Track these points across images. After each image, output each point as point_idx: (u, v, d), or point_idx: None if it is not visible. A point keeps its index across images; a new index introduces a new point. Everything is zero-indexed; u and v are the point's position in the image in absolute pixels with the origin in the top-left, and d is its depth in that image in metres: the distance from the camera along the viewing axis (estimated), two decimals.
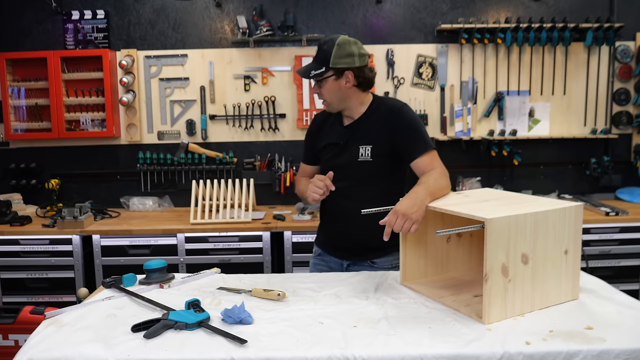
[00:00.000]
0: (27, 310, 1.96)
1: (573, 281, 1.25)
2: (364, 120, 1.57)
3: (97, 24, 2.93)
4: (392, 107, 1.56)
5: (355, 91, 1.54)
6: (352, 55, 1.50)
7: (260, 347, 1.02)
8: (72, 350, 1.02)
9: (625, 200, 2.90)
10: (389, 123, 1.52)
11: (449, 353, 0.99)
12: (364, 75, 1.53)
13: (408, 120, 1.53)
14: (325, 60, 1.49)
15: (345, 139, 1.57)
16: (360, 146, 1.53)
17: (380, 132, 1.52)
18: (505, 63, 2.95)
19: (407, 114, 1.54)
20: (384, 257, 1.59)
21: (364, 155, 1.53)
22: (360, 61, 1.52)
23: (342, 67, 1.49)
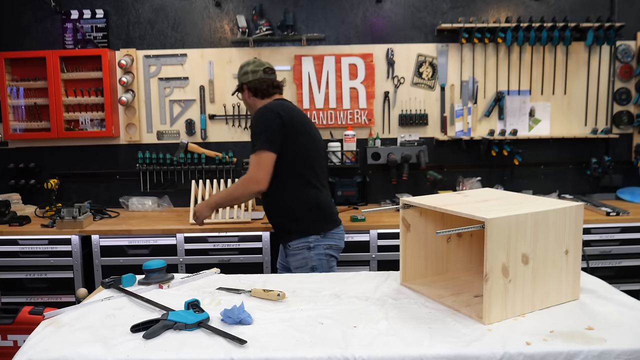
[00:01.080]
0: (26, 311, 1.96)
1: (574, 281, 1.24)
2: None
3: (96, 23, 2.93)
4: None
5: (255, 100, 1.96)
6: (246, 73, 1.96)
7: (260, 348, 1.02)
8: (71, 351, 1.02)
9: (626, 200, 2.89)
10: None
11: (449, 353, 0.99)
12: (256, 87, 1.94)
13: (252, 123, 1.86)
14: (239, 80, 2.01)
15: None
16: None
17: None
18: (505, 63, 2.95)
19: (254, 117, 1.86)
20: (293, 241, 1.86)
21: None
22: (253, 76, 1.95)
23: (242, 82, 1.98)
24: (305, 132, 1.86)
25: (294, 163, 1.82)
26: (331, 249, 1.89)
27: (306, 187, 1.85)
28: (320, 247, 1.85)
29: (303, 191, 1.85)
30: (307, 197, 1.85)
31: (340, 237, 1.93)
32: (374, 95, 2.95)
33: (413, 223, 1.38)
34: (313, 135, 1.92)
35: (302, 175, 1.83)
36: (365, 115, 2.95)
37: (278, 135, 1.77)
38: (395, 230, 2.40)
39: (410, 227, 1.38)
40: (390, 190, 2.96)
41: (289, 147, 1.80)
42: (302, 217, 1.85)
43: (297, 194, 1.85)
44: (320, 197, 1.89)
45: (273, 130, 1.77)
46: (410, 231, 1.38)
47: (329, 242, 1.87)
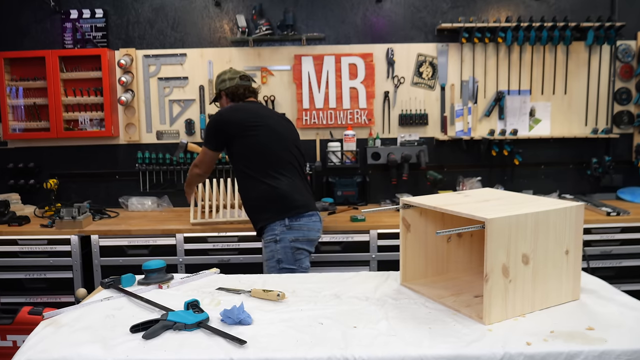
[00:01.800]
0: (26, 311, 1.95)
1: (574, 281, 1.24)
2: None
3: (96, 23, 2.92)
4: None
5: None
6: (224, 81, 2.13)
7: (259, 348, 1.02)
8: (71, 351, 1.02)
9: (626, 200, 2.89)
10: None
11: (449, 354, 0.99)
12: (232, 92, 2.10)
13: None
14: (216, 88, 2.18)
15: None
16: None
17: None
18: (505, 62, 2.94)
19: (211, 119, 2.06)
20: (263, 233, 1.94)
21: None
22: (230, 82, 2.11)
23: (219, 89, 2.14)
24: (258, 128, 1.96)
25: (246, 158, 1.96)
26: (298, 241, 1.89)
27: (263, 179, 1.93)
28: (285, 239, 1.88)
29: (264, 182, 1.93)
30: (263, 188, 1.93)
31: (309, 227, 1.92)
32: (374, 95, 2.94)
33: (413, 223, 1.38)
34: (272, 129, 1.99)
35: (256, 168, 1.94)
36: (365, 115, 2.95)
37: (218, 135, 1.99)
38: (395, 230, 2.40)
39: (410, 227, 1.37)
40: (390, 190, 2.96)
41: (237, 144, 1.96)
42: (262, 208, 1.93)
43: (254, 186, 1.95)
44: (279, 187, 1.92)
45: (213, 131, 2.00)
46: (411, 231, 1.38)
47: (295, 235, 1.89)
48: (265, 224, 1.92)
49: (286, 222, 1.88)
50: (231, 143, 1.97)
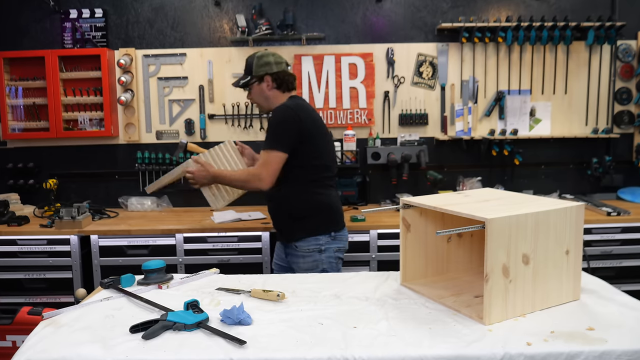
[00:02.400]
0: (25, 311, 1.95)
1: (574, 281, 1.24)
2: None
3: (95, 22, 2.92)
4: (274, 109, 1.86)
5: (276, 93, 1.89)
6: (269, 63, 1.87)
7: (259, 348, 1.02)
8: (70, 351, 1.02)
9: (627, 200, 2.89)
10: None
11: (449, 354, 0.99)
12: (279, 77, 1.87)
13: (269, 121, 1.83)
14: (249, 70, 1.89)
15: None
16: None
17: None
18: (506, 62, 2.94)
19: (273, 115, 1.83)
20: (302, 241, 1.83)
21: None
22: (277, 67, 1.87)
23: (261, 73, 1.86)
24: (319, 133, 1.84)
25: (308, 164, 1.81)
26: (340, 251, 1.87)
27: (319, 188, 1.84)
28: (331, 249, 1.83)
29: (316, 192, 1.84)
30: (320, 198, 1.84)
31: (346, 238, 1.92)
32: (374, 95, 2.94)
33: (413, 223, 1.37)
34: (324, 134, 1.89)
35: (315, 176, 1.83)
36: (365, 115, 2.94)
37: (293, 137, 1.76)
38: (395, 230, 2.40)
39: (410, 227, 1.37)
40: (390, 190, 2.95)
41: (304, 149, 1.78)
42: (314, 217, 1.83)
43: (312, 194, 1.83)
44: (332, 198, 1.88)
45: (289, 132, 1.75)
46: (411, 231, 1.37)
47: (338, 245, 1.86)
48: (310, 233, 1.82)
49: (332, 233, 1.84)
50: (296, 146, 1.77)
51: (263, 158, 1.79)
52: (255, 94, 1.90)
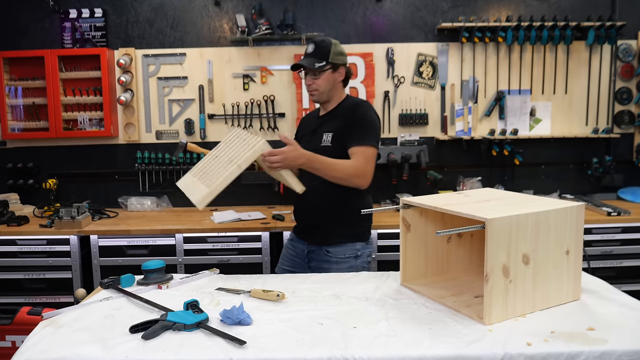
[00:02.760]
0: (25, 311, 1.95)
1: (574, 282, 1.24)
2: (335, 112, 1.79)
3: (95, 22, 2.92)
4: (355, 102, 1.80)
5: (339, 85, 1.81)
6: (343, 54, 1.79)
7: (259, 348, 1.02)
8: (70, 352, 1.02)
9: (627, 200, 2.88)
10: (348, 116, 1.74)
11: (449, 354, 0.99)
12: (348, 72, 1.81)
13: (361, 115, 1.73)
14: (325, 55, 1.74)
15: (317, 126, 1.80)
16: (324, 133, 1.75)
17: (341, 122, 1.73)
18: (506, 62, 2.94)
19: (362, 109, 1.75)
20: (338, 247, 1.73)
21: (325, 141, 1.74)
22: (347, 60, 1.81)
23: (338, 62, 1.76)
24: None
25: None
26: (370, 255, 1.82)
27: (366, 193, 1.76)
28: (364, 255, 1.77)
29: (364, 196, 1.76)
30: (365, 202, 1.76)
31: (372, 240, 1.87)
32: (374, 95, 2.94)
33: (413, 223, 1.37)
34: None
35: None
36: None
37: (378, 131, 1.74)
38: (395, 230, 2.39)
39: (410, 227, 1.37)
40: (390, 190, 2.95)
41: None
42: (360, 223, 1.75)
43: (362, 198, 1.75)
44: (371, 203, 1.81)
45: (378, 130, 1.74)
46: (411, 231, 1.37)
47: (370, 249, 1.80)
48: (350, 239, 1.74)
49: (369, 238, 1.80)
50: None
51: (365, 154, 1.65)
52: (325, 80, 1.73)
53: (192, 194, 1.57)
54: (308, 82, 1.76)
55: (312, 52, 1.73)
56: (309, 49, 1.74)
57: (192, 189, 1.59)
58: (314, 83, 1.75)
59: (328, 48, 1.73)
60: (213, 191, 1.49)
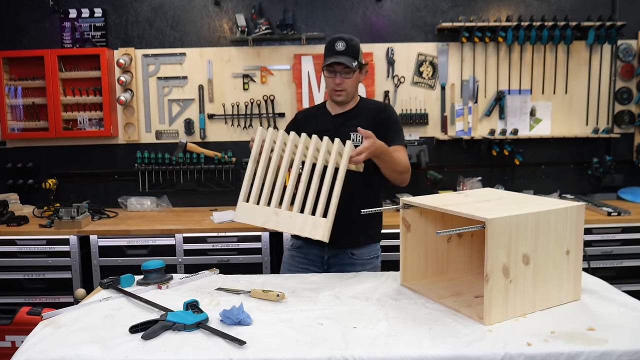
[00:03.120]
0: (24, 311, 1.95)
1: (575, 282, 1.24)
2: (354, 112, 1.73)
3: (95, 22, 2.91)
4: (379, 105, 1.81)
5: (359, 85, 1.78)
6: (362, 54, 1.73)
7: (259, 348, 1.02)
8: (70, 352, 1.02)
9: (627, 200, 2.88)
10: (378, 117, 1.70)
11: (449, 354, 0.99)
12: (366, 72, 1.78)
13: (393, 117, 1.75)
14: (356, 54, 1.68)
15: (336, 125, 1.70)
16: (352, 133, 1.66)
17: (370, 123, 1.64)
18: (506, 62, 2.94)
19: (392, 112, 1.76)
20: (363, 248, 1.71)
21: (355, 141, 1.63)
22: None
23: (363, 62, 1.72)
24: None
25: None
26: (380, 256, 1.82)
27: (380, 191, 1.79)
28: (380, 255, 1.78)
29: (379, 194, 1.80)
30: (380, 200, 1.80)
31: None
32: (374, 95, 2.94)
33: (413, 223, 1.37)
34: None
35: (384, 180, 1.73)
36: None
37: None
38: (395, 231, 2.38)
39: (410, 227, 1.37)
40: (390, 190, 2.95)
41: None
42: (376, 222, 1.77)
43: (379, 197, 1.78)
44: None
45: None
46: (411, 231, 1.37)
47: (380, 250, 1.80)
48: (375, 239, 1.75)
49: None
50: None
51: (405, 153, 1.70)
52: (355, 80, 1.69)
53: (305, 230, 1.35)
54: (338, 81, 1.65)
55: (344, 50, 1.64)
56: (339, 47, 1.64)
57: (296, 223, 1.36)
58: (344, 82, 1.66)
59: (358, 47, 1.68)
60: (330, 218, 1.34)
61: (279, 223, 1.39)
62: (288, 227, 1.38)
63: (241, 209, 1.45)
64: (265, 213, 1.41)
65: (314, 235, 1.34)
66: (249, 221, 1.43)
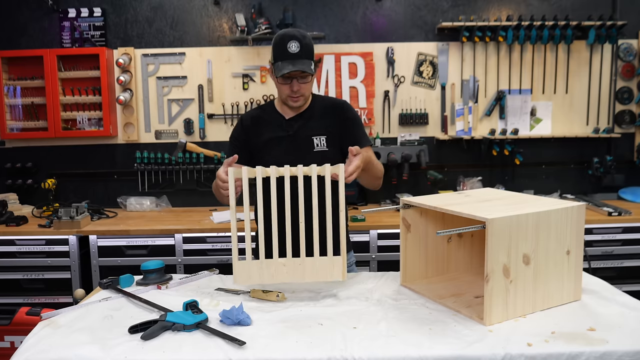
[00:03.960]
0: (23, 312, 1.95)
1: (575, 282, 1.23)
2: (310, 113, 1.58)
3: (94, 21, 2.91)
4: (336, 102, 1.65)
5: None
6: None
7: (258, 349, 1.01)
8: (69, 352, 1.02)
9: (628, 200, 2.88)
10: (339, 116, 1.58)
11: (449, 355, 0.98)
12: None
13: (354, 115, 1.62)
14: (312, 54, 1.50)
15: (294, 131, 1.55)
16: (314, 137, 1.55)
17: (330, 124, 1.56)
18: (506, 61, 2.93)
19: (352, 110, 1.62)
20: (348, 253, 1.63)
21: (319, 146, 1.55)
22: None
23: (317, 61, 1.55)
24: None
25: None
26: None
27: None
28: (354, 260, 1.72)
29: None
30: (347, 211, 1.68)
31: None
32: (373, 95, 2.93)
33: (413, 223, 1.37)
34: None
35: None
36: (365, 114, 2.93)
37: None
38: (395, 231, 2.39)
39: (410, 227, 1.37)
40: (391, 190, 2.94)
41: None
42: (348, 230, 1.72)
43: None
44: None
45: None
46: (411, 231, 1.37)
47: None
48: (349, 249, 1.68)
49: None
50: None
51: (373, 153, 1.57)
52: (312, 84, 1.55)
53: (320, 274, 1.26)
54: (295, 88, 1.49)
55: (300, 52, 1.46)
56: (293, 48, 1.45)
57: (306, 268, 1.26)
58: (301, 88, 1.50)
59: (312, 46, 1.50)
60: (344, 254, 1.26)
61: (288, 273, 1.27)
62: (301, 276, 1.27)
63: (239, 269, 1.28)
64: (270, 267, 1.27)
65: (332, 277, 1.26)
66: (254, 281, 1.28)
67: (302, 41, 1.47)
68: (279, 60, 1.48)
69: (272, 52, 1.52)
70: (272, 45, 1.52)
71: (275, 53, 1.50)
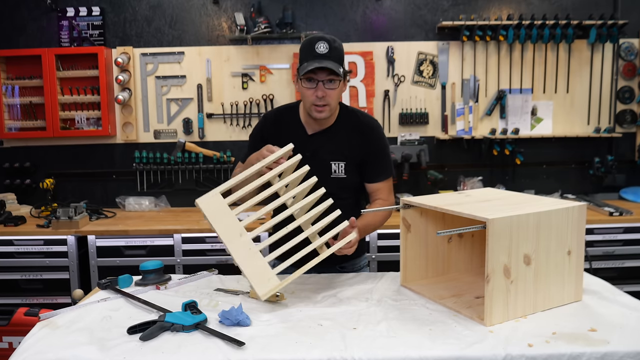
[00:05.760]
0: (22, 312, 1.94)
1: (576, 282, 1.23)
2: (334, 131, 1.47)
3: (93, 21, 2.90)
4: (364, 125, 1.48)
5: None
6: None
7: (258, 350, 1.01)
8: (67, 353, 1.01)
9: (629, 200, 2.87)
10: (363, 144, 1.46)
11: (450, 355, 0.98)
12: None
13: (383, 146, 1.50)
14: (341, 59, 1.38)
15: (313, 150, 1.44)
16: (333, 162, 1.46)
17: (353, 149, 1.45)
18: (507, 61, 2.93)
19: (382, 138, 1.51)
20: (353, 260, 1.60)
21: (337, 172, 1.46)
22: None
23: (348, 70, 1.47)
24: None
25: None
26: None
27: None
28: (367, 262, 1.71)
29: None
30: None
31: None
32: (373, 94, 2.93)
33: (414, 223, 1.36)
34: None
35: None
36: None
37: None
38: (396, 231, 2.38)
39: (410, 228, 1.36)
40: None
41: None
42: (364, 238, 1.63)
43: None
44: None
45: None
46: (411, 231, 1.36)
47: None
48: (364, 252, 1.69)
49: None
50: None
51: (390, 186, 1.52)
52: (339, 92, 1.41)
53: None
54: (320, 93, 1.35)
55: (328, 53, 1.33)
56: (322, 49, 1.33)
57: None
58: (327, 95, 1.36)
59: (342, 50, 1.38)
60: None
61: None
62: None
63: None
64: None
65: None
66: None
67: (331, 44, 1.36)
68: (304, 61, 1.36)
69: (299, 56, 1.40)
70: (300, 50, 1.41)
71: (302, 55, 1.38)
